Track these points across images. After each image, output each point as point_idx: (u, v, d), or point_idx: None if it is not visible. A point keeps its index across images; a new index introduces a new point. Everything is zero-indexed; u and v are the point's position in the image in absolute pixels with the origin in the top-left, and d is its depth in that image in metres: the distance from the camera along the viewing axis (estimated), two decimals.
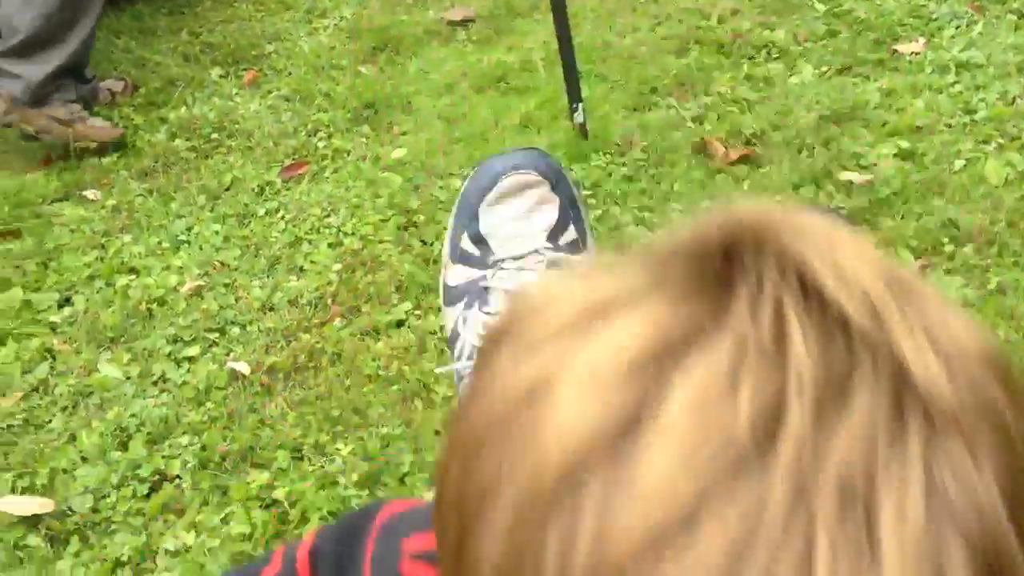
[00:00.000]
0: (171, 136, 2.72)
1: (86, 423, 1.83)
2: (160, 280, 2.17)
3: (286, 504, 1.61)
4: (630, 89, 2.64)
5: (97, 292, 2.16)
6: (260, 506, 1.62)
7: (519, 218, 1.09)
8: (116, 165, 2.61)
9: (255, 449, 1.74)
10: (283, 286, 2.13)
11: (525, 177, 1.09)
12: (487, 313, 1.04)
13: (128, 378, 1.93)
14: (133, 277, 2.20)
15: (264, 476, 1.67)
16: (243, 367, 1.92)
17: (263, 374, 1.91)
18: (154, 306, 2.10)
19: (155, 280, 2.17)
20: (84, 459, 1.75)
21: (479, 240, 1.08)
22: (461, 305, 1.07)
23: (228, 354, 1.97)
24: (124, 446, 1.78)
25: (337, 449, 1.72)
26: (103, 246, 2.31)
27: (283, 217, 2.35)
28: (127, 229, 2.37)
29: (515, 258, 1.07)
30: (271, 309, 2.08)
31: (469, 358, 1.03)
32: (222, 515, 1.61)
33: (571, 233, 1.09)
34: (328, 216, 2.33)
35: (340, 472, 1.67)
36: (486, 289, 1.05)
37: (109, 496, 1.68)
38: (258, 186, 2.47)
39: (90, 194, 2.50)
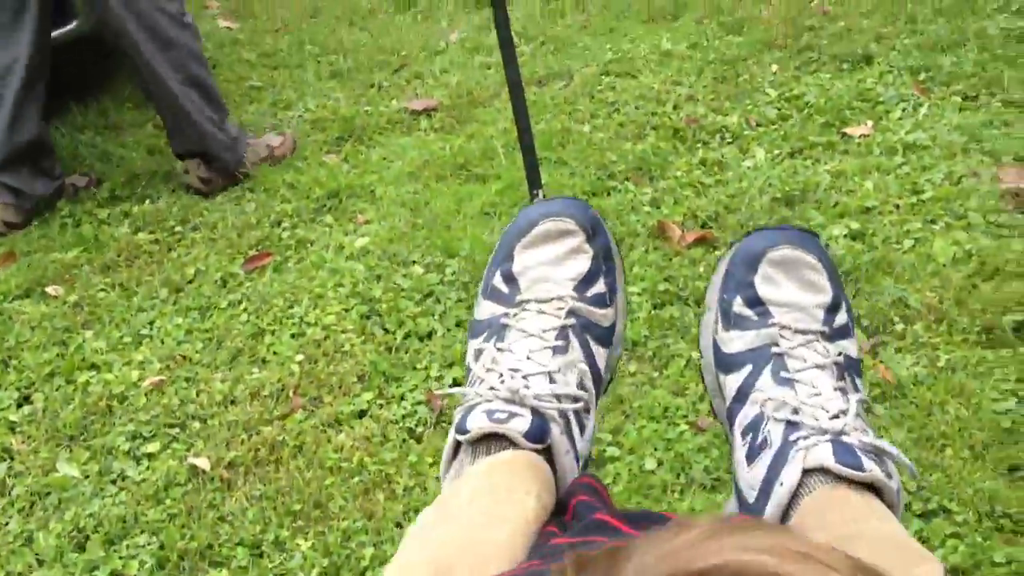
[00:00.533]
0: (135, 230, 2.74)
1: (43, 524, 1.81)
2: (121, 376, 2.17)
3: None
4: (588, 175, 2.69)
5: (57, 389, 2.16)
6: None
7: (550, 263, 1.11)
8: (79, 260, 2.62)
9: (214, 547, 1.73)
10: (245, 378, 2.13)
11: (563, 224, 1.12)
12: (499, 349, 1.05)
13: (86, 477, 1.91)
14: (94, 373, 2.20)
15: (223, 575, 1.65)
16: (203, 462, 1.91)
17: (223, 469, 1.90)
18: (114, 402, 2.10)
19: (116, 376, 2.17)
20: (41, 562, 1.73)
21: (510, 279, 1.10)
22: (481, 339, 1.08)
23: (188, 449, 1.97)
24: (81, 547, 1.76)
25: (297, 544, 1.71)
26: (64, 342, 2.31)
27: (245, 309, 2.36)
28: (89, 324, 2.37)
29: (539, 300, 1.09)
30: (232, 402, 2.08)
31: (471, 384, 1.05)
32: None
33: (600, 286, 1.11)
34: (291, 307, 2.35)
35: (300, 568, 1.66)
36: (505, 326, 1.07)
37: None
38: (221, 278, 2.49)
39: (52, 290, 2.51)
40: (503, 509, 0.89)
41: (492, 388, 1.01)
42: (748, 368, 1.04)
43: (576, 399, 1.03)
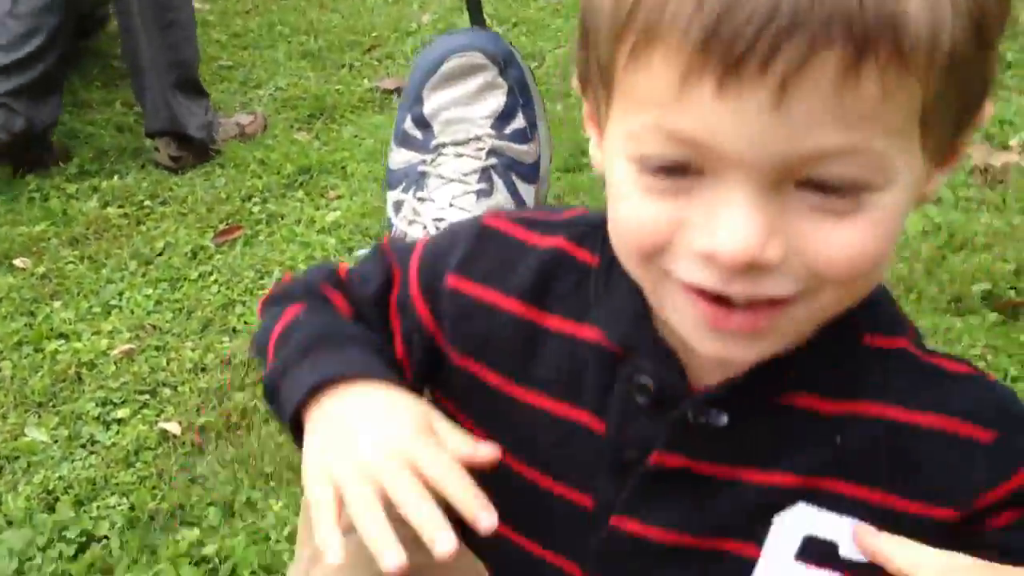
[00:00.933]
0: (103, 204, 2.71)
1: (12, 487, 1.79)
2: (90, 344, 2.15)
3: (216, 560, 1.58)
4: (562, 151, 2.69)
5: (25, 358, 2.13)
6: (190, 563, 1.58)
7: (462, 103, 1.02)
8: (46, 233, 2.59)
9: (185, 508, 1.71)
10: (215, 347, 2.11)
11: (471, 59, 1.03)
12: (420, 199, 0.98)
13: (55, 441, 1.89)
14: (62, 342, 2.17)
15: (194, 533, 1.64)
16: (174, 427, 1.90)
17: (194, 433, 1.88)
18: (83, 370, 2.07)
19: (85, 344, 2.15)
20: (9, 523, 1.71)
21: (422, 123, 1.01)
22: (399, 190, 1.01)
23: (159, 415, 1.95)
24: (51, 508, 1.73)
25: (269, 505, 1.69)
26: (32, 312, 2.28)
27: (216, 280, 2.34)
28: (57, 295, 2.34)
29: (456, 143, 1.01)
30: (203, 370, 2.06)
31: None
32: (150, 573, 1.58)
33: (519, 121, 1.04)
34: (262, 278, 2.33)
35: (272, 528, 1.64)
36: (423, 174, 0.99)
37: (35, 558, 1.63)
38: (191, 251, 2.47)
39: (19, 262, 2.47)
40: None
41: None
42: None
43: None
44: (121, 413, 1.95)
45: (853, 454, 0.66)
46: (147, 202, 2.72)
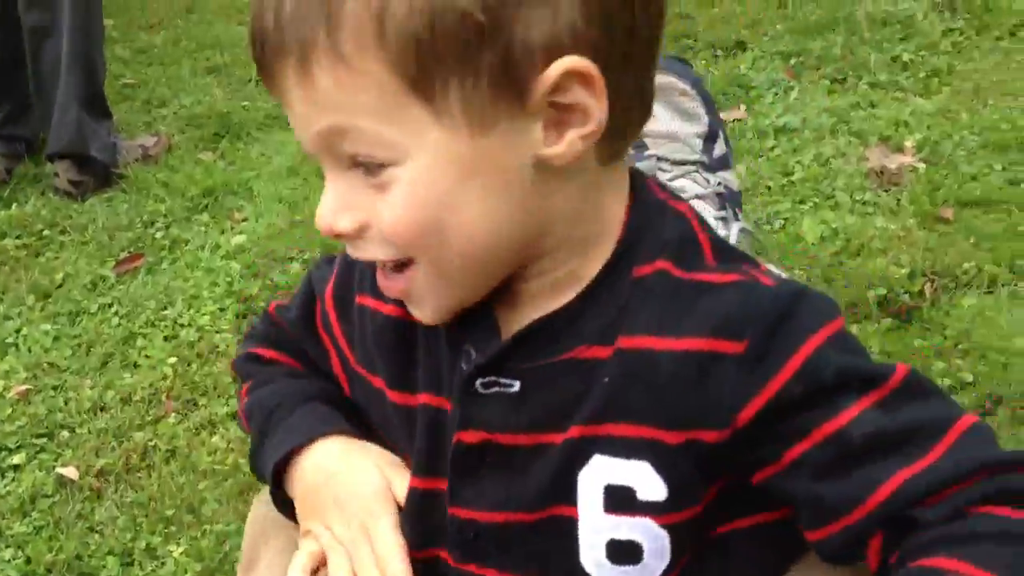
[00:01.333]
0: (0, 235, 2.64)
1: None
2: None
3: None
4: None
5: None
6: None
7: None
8: None
9: (83, 557, 1.68)
10: (116, 384, 2.07)
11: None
12: None
13: None
14: None
15: None
16: (72, 472, 1.86)
17: (93, 477, 1.85)
18: None
19: None
20: None
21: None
22: None
23: (56, 459, 1.91)
24: None
25: (169, 551, 1.67)
26: None
27: (117, 312, 2.30)
28: None
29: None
30: (102, 409, 2.02)
31: None
32: None
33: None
34: (164, 308, 2.29)
35: (172, 575, 1.62)
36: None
37: None
38: (91, 281, 2.42)
39: None
40: None
41: None
42: None
43: None
44: (17, 459, 1.90)
45: (619, 394, 0.66)
46: (46, 231, 2.65)
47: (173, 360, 2.11)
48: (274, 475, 0.82)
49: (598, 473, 0.67)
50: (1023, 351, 1.82)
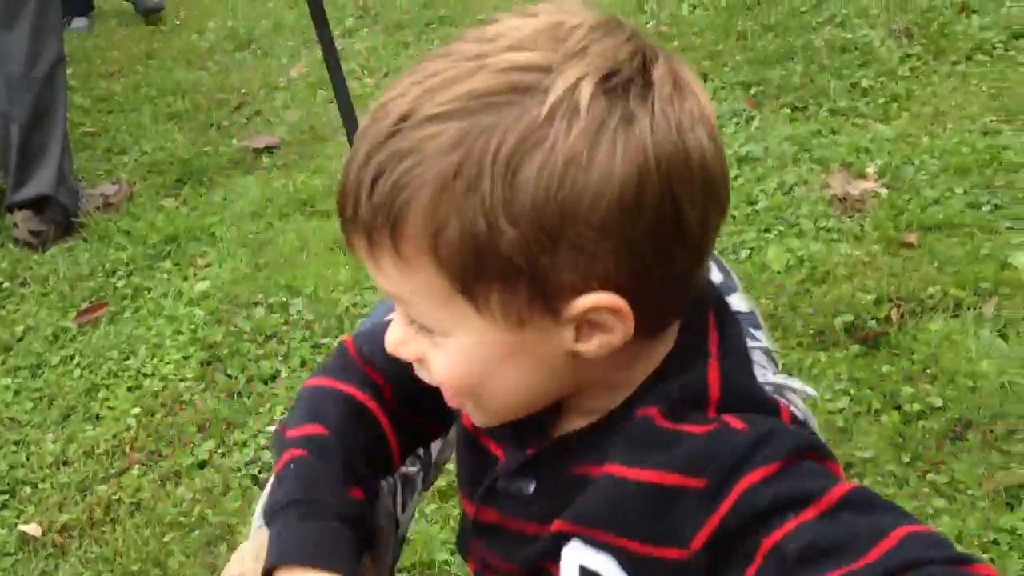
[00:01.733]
0: None
1: None
2: None
3: None
4: None
5: None
6: None
7: None
8: None
9: None
10: (78, 437, 2.03)
11: None
12: None
13: None
14: None
15: None
16: (34, 528, 1.82)
17: (56, 533, 1.81)
18: None
19: None
20: None
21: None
22: None
23: (18, 516, 1.87)
24: None
25: None
26: None
27: (79, 364, 2.26)
28: None
29: None
30: (65, 463, 1.98)
31: None
32: None
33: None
34: (127, 359, 2.26)
35: None
36: None
37: None
38: (52, 333, 2.38)
39: None
40: None
41: None
42: None
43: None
44: None
45: (599, 507, 0.76)
46: (6, 284, 2.61)
47: (137, 411, 2.08)
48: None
49: (576, 552, 0.77)
50: (990, 374, 1.83)
